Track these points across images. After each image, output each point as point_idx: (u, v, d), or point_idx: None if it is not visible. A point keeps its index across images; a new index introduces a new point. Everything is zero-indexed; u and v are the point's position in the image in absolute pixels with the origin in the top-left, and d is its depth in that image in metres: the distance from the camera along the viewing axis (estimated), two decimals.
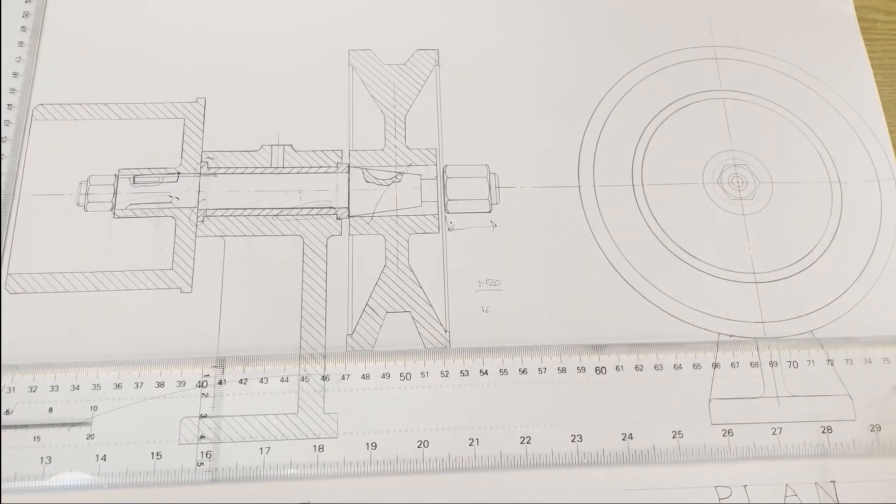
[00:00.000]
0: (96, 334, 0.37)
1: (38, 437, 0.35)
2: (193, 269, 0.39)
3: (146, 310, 0.38)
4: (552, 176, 0.41)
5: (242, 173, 0.41)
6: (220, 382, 0.36)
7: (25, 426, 0.35)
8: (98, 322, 0.37)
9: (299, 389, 0.36)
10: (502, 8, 0.46)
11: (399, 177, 0.41)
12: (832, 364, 0.38)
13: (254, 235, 0.39)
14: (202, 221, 0.40)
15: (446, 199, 0.41)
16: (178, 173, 0.41)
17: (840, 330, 0.39)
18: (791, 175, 0.42)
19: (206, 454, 0.35)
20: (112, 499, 0.34)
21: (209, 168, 0.41)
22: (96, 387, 0.36)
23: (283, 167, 0.41)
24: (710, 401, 0.37)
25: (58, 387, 0.36)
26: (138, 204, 0.40)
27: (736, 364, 0.37)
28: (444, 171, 0.41)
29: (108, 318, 0.37)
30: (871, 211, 0.42)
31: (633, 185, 0.42)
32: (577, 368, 0.37)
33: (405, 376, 0.37)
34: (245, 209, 0.40)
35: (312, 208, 0.40)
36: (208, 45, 0.43)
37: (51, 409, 0.35)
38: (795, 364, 0.38)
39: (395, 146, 0.42)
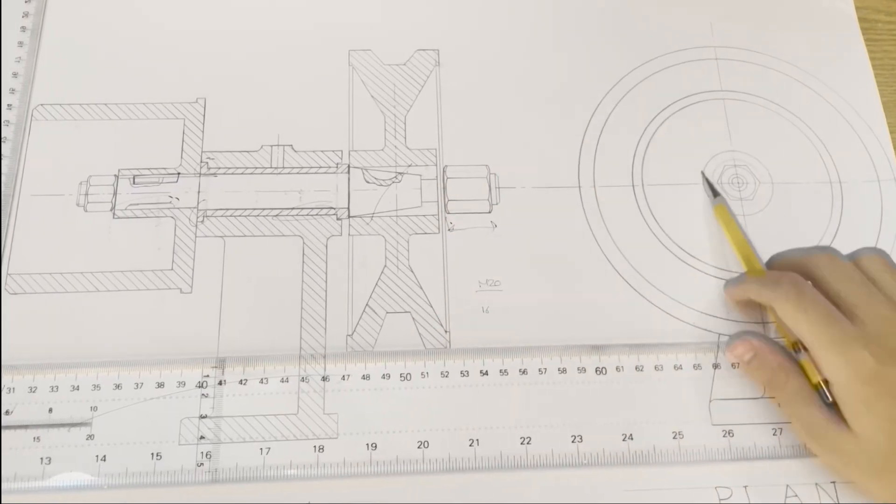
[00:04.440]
0: (96, 335, 0.37)
1: (37, 438, 0.35)
2: (193, 270, 0.39)
3: (146, 310, 0.38)
4: (552, 176, 0.41)
5: (242, 174, 0.41)
6: (220, 383, 0.36)
7: (25, 427, 0.35)
8: (98, 323, 0.37)
9: (299, 390, 0.36)
10: (502, 8, 0.45)
11: (399, 177, 0.41)
12: None
13: (254, 236, 0.39)
14: (202, 222, 0.40)
15: (446, 200, 0.41)
16: (178, 174, 0.41)
17: None
18: (791, 175, 0.42)
19: (206, 455, 0.35)
20: (112, 499, 0.34)
21: (209, 168, 0.41)
22: (96, 387, 0.36)
23: (283, 167, 0.41)
24: (710, 401, 0.37)
25: (57, 387, 0.36)
26: (138, 204, 0.40)
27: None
28: (444, 172, 0.41)
29: (108, 318, 0.37)
30: (872, 211, 0.42)
31: (633, 186, 0.42)
32: (578, 369, 0.37)
33: (405, 377, 0.37)
34: (245, 209, 0.40)
35: (312, 209, 0.40)
36: (208, 46, 0.43)
37: (50, 410, 0.35)
38: None
39: (396, 146, 0.42)
